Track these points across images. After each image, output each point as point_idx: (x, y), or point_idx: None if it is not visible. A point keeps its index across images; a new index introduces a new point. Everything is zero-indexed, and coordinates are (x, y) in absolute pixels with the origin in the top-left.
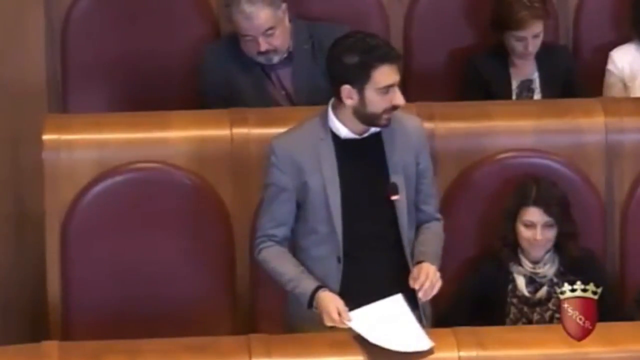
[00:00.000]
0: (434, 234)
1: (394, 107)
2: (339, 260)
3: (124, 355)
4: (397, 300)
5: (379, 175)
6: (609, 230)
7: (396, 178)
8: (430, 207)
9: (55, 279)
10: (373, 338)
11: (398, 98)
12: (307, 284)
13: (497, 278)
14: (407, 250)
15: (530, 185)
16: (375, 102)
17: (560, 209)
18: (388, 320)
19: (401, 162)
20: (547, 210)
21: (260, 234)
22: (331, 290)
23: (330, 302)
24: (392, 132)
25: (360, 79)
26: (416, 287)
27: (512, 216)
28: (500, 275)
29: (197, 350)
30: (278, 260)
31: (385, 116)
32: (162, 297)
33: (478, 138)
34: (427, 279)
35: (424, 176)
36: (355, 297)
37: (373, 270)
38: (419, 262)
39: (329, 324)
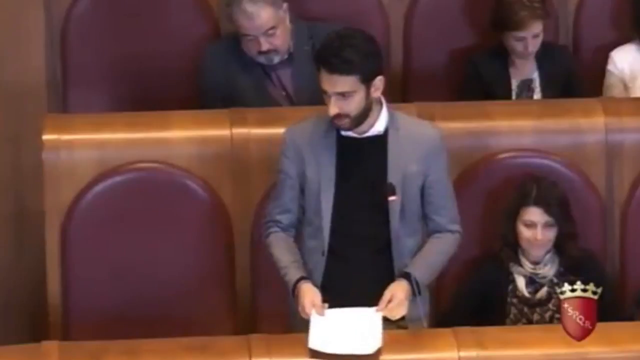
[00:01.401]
0: (439, 247)
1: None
2: (322, 254)
3: (124, 355)
4: (376, 313)
5: (376, 177)
6: (609, 230)
7: (393, 182)
8: (443, 218)
9: (55, 279)
10: (312, 343)
11: (330, 109)
12: (293, 274)
13: (498, 279)
14: (395, 255)
15: (530, 185)
16: (326, 100)
17: (560, 209)
18: (354, 324)
19: (403, 168)
20: (548, 210)
21: (268, 218)
22: (315, 283)
23: (307, 295)
24: (400, 136)
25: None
26: (381, 307)
27: (513, 216)
28: (501, 276)
29: (197, 350)
30: (277, 247)
31: (334, 121)
32: (162, 297)
33: (478, 138)
34: (395, 299)
35: (433, 187)
36: (336, 294)
37: (357, 269)
38: (404, 273)
39: (302, 316)
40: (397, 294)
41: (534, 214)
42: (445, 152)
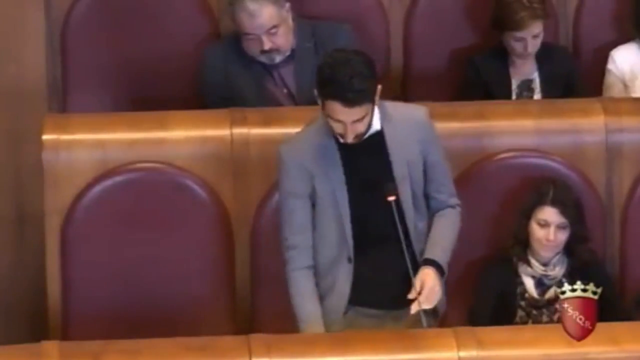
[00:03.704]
0: (446, 224)
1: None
2: (349, 260)
3: (124, 355)
4: None
5: (383, 173)
6: (609, 231)
7: (400, 174)
8: (443, 194)
9: (55, 279)
10: None
11: (347, 136)
12: (313, 330)
13: (507, 281)
14: (416, 246)
15: (547, 185)
16: (330, 123)
17: (575, 211)
18: None
19: (405, 157)
20: (564, 212)
21: (285, 245)
22: (342, 291)
23: None
24: (394, 128)
25: (320, 97)
26: (414, 295)
27: (527, 214)
28: (510, 279)
29: (197, 350)
30: (298, 293)
31: (344, 138)
32: (162, 297)
33: (478, 138)
34: (425, 289)
35: (434, 166)
36: (366, 296)
37: (383, 267)
38: (424, 262)
39: None
40: (427, 281)
41: (550, 213)
42: (434, 128)
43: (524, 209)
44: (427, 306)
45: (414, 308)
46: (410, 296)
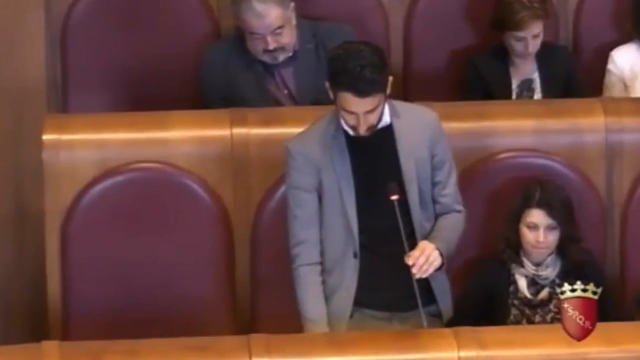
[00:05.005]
0: (448, 222)
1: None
2: (355, 255)
3: (124, 355)
4: None
5: (391, 169)
6: (609, 231)
7: (408, 171)
8: (448, 198)
9: (55, 279)
10: None
11: (360, 127)
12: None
13: (499, 280)
14: (420, 241)
15: (534, 187)
16: (343, 115)
17: (563, 211)
18: None
19: (414, 154)
20: (551, 213)
21: (293, 242)
22: (348, 290)
23: None
24: (404, 125)
25: (332, 89)
26: (410, 262)
27: (516, 218)
28: (502, 277)
29: (197, 350)
30: (304, 291)
31: (357, 130)
32: (162, 297)
33: (478, 138)
34: (422, 254)
35: (440, 168)
36: (371, 297)
37: (389, 263)
38: None
39: None
40: (428, 247)
41: (537, 216)
42: (444, 132)
43: (513, 213)
44: (422, 274)
45: (416, 272)
46: (410, 261)
